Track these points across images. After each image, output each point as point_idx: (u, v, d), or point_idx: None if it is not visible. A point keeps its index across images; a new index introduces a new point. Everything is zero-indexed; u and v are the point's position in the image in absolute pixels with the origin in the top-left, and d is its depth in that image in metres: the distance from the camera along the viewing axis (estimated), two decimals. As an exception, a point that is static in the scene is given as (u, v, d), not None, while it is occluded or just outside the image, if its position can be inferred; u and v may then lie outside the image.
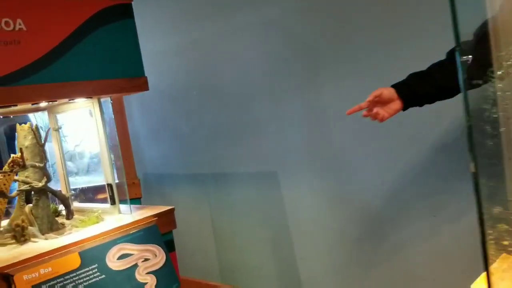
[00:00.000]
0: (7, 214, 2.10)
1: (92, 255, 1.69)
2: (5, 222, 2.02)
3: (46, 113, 2.32)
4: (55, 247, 1.64)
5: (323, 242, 2.41)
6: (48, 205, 2.03)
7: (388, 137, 2.10)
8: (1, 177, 1.83)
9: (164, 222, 1.98)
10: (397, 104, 1.57)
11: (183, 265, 2.97)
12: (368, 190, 2.20)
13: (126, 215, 2.01)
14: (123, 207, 2.10)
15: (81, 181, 3.01)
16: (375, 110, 1.57)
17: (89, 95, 1.83)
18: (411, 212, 2.10)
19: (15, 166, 1.78)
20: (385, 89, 1.57)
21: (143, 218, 1.91)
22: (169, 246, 1.96)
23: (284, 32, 2.39)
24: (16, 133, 2.04)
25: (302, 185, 2.41)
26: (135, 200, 3.19)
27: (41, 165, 1.87)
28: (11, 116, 2.28)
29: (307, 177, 2.38)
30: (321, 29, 2.24)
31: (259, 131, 2.52)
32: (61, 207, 2.26)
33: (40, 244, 1.74)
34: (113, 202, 2.06)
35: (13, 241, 1.79)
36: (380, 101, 1.57)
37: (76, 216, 2.23)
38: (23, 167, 1.75)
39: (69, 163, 3.74)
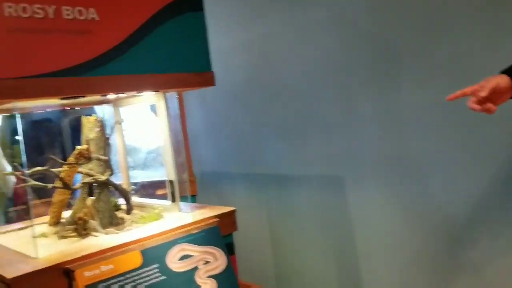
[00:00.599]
0: (68, 206, 2.09)
1: (154, 254, 1.63)
2: (67, 214, 2.01)
3: (108, 106, 2.30)
4: (117, 244, 1.59)
5: (394, 258, 2.25)
6: (109, 199, 2.00)
7: (477, 142, 1.90)
8: (66, 168, 1.81)
9: (225, 224, 1.89)
10: (510, 93, 1.39)
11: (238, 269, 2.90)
12: (450, 203, 2.01)
13: (186, 214, 1.95)
14: (182, 205, 2.04)
15: (141, 176, 3.00)
16: (488, 104, 1.39)
17: (156, 89, 1.77)
18: (497, 229, 1.90)
19: (81, 158, 1.76)
20: (499, 78, 1.39)
21: (204, 218, 1.84)
22: (229, 249, 1.88)
23: (357, 28, 2.25)
24: (81, 125, 2.02)
25: (372, 193, 2.25)
26: (192, 198, 3.15)
27: (105, 158, 1.83)
28: (76, 108, 2.28)
29: (378, 185, 2.22)
30: (399, 23, 2.08)
31: (326, 132, 2.39)
32: (120, 201, 2.24)
33: (101, 239, 1.70)
34: (173, 199, 2.01)
35: (75, 234, 1.77)
36: (495, 92, 1.39)
37: (135, 211, 2.19)
38: (89, 159, 1.72)
39: (131, 157, 3.76)
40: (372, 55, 2.21)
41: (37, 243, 1.72)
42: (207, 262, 1.74)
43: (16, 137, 2.90)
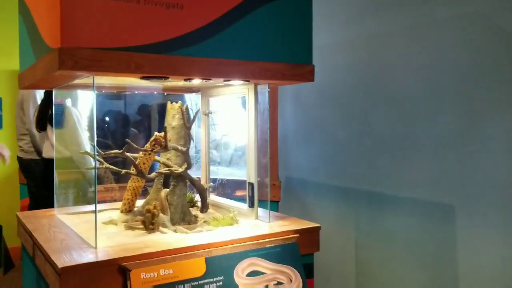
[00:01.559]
0: (144, 194, 1.97)
1: (220, 264, 1.42)
2: (141, 202, 1.88)
3: (197, 95, 2.16)
4: (182, 246, 1.40)
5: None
6: (184, 193, 1.85)
7: None
8: (141, 155, 1.68)
9: (306, 241, 1.64)
10: None
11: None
12: None
13: (263, 223, 1.72)
14: (261, 212, 1.82)
15: (221, 173, 2.84)
16: None
17: (246, 78, 1.56)
18: None
19: (156, 145, 1.61)
20: None
21: (283, 232, 1.60)
22: (307, 271, 1.62)
23: (489, 27, 1.86)
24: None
25: (487, 230, 1.85)
26: (273, 203, 2.93)
27: (184, 149, 1.67)
28: (165, 94, 2.16)
29: (496, 221, 1.82)
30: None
31: (439, 150, 2.02)
32: (197, 198, 2.08)
33: (167, 237, 1.53)
34: (251, 204, 1.79)
35: (142, 226, 1.62)
36: None
37: (210, 210, 2.02)
38: (165, 148, 1.57)
39: (213, 151, 3.64)
40: (507, 61, 1.81)
41: (98, 232, 1.61)
42: (279, 284, 1.50)
43: (104, 118, 2.91)
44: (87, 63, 1.24)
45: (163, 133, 1.60)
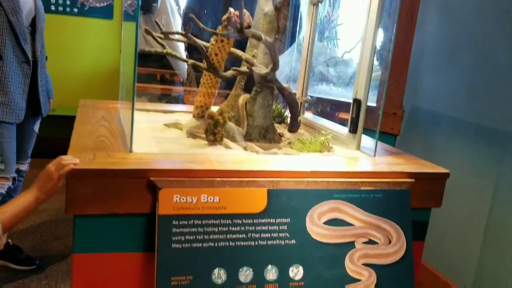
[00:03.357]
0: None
1: (289, 201, 1.00)
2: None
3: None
4: (240, 168, 1.00)
5: None
6: (269, 104, 1.43)
7: None
8: (213, 42, 1.26)
9: (423, 191, 1.13)
10: None
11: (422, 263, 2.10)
12: None
13: (365, 157, 1.24)
14: (366, 140, 1.33)
15: (333, 94, 2.35)
16: None
17: None
18: None
19: (228, 26, 1.18)
20: None
21: (390, 172, 1.10)
22: (417, 231, 1.13)
23: None
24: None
25: None
26: (389, 136, 2.38)
27: (269, 40, 1.21)
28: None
29: None
30: None
31: None
32: (287, 113, 1.64)
33: (229, 154, 1.15)
34: (353, 129, 1.31)
35: (204, 136, 1.25)
36: None
37: (301, 131, 1.58)
38: (240, 32, 1.12)
39: (330, 70, 3.11)
40: None
41: (150, 135, 1.28)
42: (371, 242, 1.04)
43: None
44: None
45: (237, 11, 1.15)
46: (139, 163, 0.96)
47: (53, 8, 3.62)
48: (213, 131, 1.20)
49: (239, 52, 1.40)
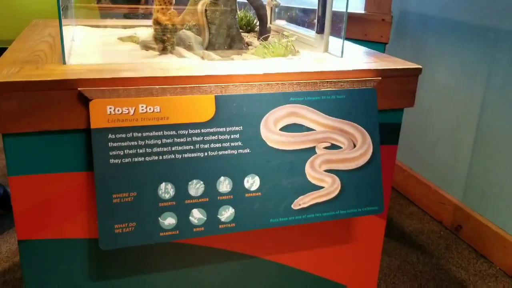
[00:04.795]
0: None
1: (240, 108, 0.91)
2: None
3: None
4: (184, 75, 0.90)
5: None
6: (233, 10, 1.30)
7: None
8: None
9: (394, 90, 1.03)
10: None
11: (407, 157, 2.03)
12: None
13: (332, 58, 1.13)
14: (333, 42, 1.21)
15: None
16: None
17: None
18: None
19: None
20: None
21: (355, 71, 1.00)
22: (389, 134, 1.05)
23: None
24: None
25: None
26: (378, 45, 2.24)
27: None
28: None
29: None
30: None
31: None
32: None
33: (176, 62, 1.04)
34: (320, 29, 1.19)
35: (156, 46, 1.14)
36: None
37: (272, 39, 1.46)
38: None
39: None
40: None
41: (96, 49, 1.17)
42: (334, 147, 0.97)
43: None
44: None
45: None
46: (68, 74, 0.86)
47: None
48: (161, 38, 1.09)
49: (191, -50, 1.25)
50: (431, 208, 2.00)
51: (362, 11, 2.24)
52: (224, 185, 0.90)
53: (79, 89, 0.83)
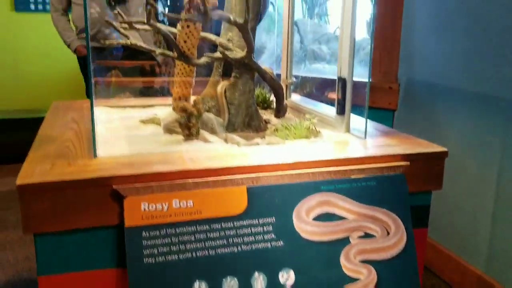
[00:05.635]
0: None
1: (271, 199, 0.90)
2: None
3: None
4: (215, 166, 0.90)
5: None
6: (251, 89, 1.33)
7: None
8: (179, 28, 1.16)
9: (421, 173, 1.03)
10: None
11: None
12: None
13: (355, 140, 1.14)
14: (357, 121, 1.22)
15: (324, 69, 2.24)
16: None
17: None
18: None
19: (191, 10, 1.07)
20: None
21: (383, 156, 1.00)
22: (417, 217, 1.04)
23: None
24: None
25: None
26: (387, 112, 2.27)
27: (240, 21, 1.10)
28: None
29: None
30: None
31: None
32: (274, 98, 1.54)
33: (206, 149, 1.05)
34: (341, 111, 1.20)
35: (179, 130, 1.15)
36: None
37: (288, 115, 1.48)
38: (205, 14, 1.01)
39: (322, 47, 2.98)
40: None
41: (123, 134, 1.18)
42: (368, 236, 0.95)
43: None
44: None
45: (199, -9, 1.03)
46: (101, 170, 0.86)
47: (40, 7, 3.52)
48: (187, 125, 1.10)
49: (212, 36, 1.29)
50: (453, 279, 1.95)
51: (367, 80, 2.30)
52: (259, 281, 0.87)
53: (113, 186, 0.83)
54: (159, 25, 1.10)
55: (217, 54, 1.23)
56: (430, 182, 1.05)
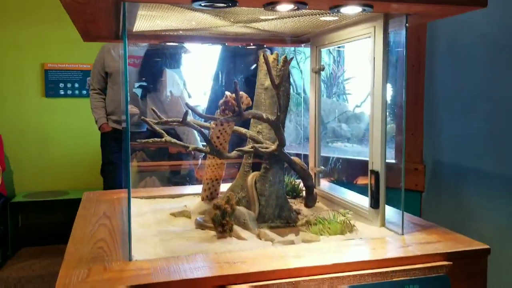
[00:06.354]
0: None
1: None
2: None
3: (304, 47, 1.58)
4: (246, 271, 0.88)
5: None
6: (281, 180, 1.33)
7: None
8: (213, 126, 1.19)
9: (463, 272, 0.99)
10: None
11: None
12: None
13: (393, 235, 1.11)
14: (390, 212, 1.20)
15: (349, 151, 2.24)
16: None
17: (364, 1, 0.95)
18: None
19: (227, 111, 1.10)
20: None
21: (425, 256, 0.97)
22: (463, 321, 0.98)
23: None
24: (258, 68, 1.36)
25: None
26: (415, 194, 2.24)
27: (272, 118, 1.13)
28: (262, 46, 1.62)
29: None
30: None
31: None
32: (302, 185, 1.53)
33: (240, 249, 1.03)
34: (375, 205, 1.18)
35: (212, 225, 1.14)
36: None
37: (318, 204, 1.46)
38: (239, 115, 1.04)
39: (343, 125, 3.01)
40: None
41: (155, 229, 1.18)
42: None
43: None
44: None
45: (233, 94, 1.07)
46: (139, 276, 0.84)
47: (69, 92, 3.70)
48: (221, 222, 1.10)
49: (242, 130, 1.32)
50: None
51: (393, 160, 2.29)
52: None
53: (156, 298, 0.81)
54: (193, 123, 1.13)
55: (248, 148, 1.26)
56: (473, 281, 1.01)
